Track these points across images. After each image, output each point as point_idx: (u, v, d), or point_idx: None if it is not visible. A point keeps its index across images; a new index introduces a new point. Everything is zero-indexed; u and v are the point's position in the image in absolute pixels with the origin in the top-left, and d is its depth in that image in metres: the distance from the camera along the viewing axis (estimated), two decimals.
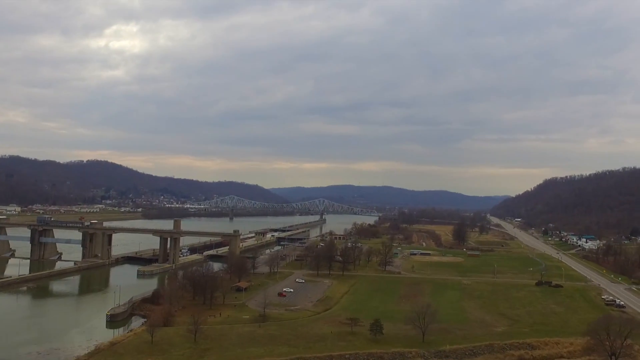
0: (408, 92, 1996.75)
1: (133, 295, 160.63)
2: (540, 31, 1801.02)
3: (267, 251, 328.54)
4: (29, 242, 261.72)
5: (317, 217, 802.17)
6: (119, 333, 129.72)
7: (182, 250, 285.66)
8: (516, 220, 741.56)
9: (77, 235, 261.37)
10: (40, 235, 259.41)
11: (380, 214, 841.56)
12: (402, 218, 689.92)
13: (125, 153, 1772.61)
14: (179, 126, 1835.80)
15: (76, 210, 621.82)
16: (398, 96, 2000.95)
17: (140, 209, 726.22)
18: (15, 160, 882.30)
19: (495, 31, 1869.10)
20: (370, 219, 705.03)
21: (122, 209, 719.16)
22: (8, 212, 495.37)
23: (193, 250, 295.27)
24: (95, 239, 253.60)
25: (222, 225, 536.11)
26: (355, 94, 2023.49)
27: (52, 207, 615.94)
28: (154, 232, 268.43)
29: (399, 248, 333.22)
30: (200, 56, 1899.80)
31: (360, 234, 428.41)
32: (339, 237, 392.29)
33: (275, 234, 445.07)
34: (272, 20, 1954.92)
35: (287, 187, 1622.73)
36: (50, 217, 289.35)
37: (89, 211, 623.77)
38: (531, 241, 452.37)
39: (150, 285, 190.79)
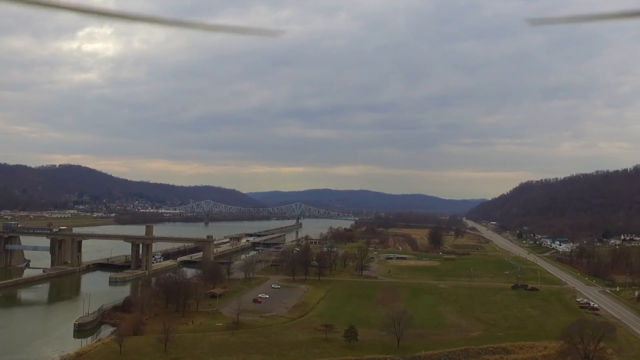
0: (384, 97, 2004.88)
1: (103, 304, 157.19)
2: (515, 37, 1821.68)
3: (243, 256, 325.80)
4: None
5: (293, 222, 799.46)
6: (86, 343, 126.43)
7: (156, 257, 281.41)
8: (491, 224, 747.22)
9: (45, 242, 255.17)
10: (6, 242, 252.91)
11: (357, 218, 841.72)
12: (379, 222, 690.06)
13: (99, 157, 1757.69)
14: (154, 130, 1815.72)
15: (47, 215, 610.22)
16: (375, 101, 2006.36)
17: (113, 214, 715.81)
18: None
19: (470, 37, 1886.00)
20: (346, 223, 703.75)
21: (95, 214, 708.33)
22: None
23: (167, 256, 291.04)
24: (64, 246, 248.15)
25: (197, 231, 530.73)
26: (332, 98, 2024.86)
27: (22, 213, 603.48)
28: (125, 238, 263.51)
29: (375, 252, 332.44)
30: (176, 60, 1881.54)
31: (336, 238, 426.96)
32: (315, 242, 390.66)
33: (251, 238, 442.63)
34: (248, 24, 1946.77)
35: (265, 191, 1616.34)
36: (17, 224, 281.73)
37: (60, 217, 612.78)
38: (506, 244, 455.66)
39: (122, 293, 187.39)
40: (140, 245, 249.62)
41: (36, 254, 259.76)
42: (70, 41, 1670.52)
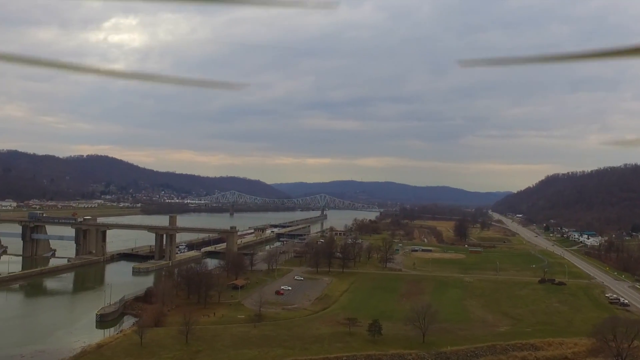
0: (409, 88, 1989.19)
1: (125, 294, 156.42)
2: (542, 28, 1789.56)
3: (267, 247, 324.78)
4: (20, 238, 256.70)
5: (318, 213, 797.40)
6: (109, 333, 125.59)
7: (180, 247, 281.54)
8: (517, 217, 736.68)
9: (70, 231, 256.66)
10: (32, 231, 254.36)
11: (382, 210, 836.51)
12: (404, 214, 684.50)
13: (126, 148, 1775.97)
14: (180, 121, 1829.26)
15: (74, 205, 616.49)
16: (399, 92, 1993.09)
17: (139, 205, 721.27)
18: (14, 155, 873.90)
19: (496, 27, 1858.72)
20: (371, 215, 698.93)
21: (121, 205, 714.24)
22: (3, 208, 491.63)
23: (191, 246, 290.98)
24: (88, 236, 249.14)
25: (222, 221, 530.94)
26: (357, 89, 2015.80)
27: (50, 203, 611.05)
28: (149, 228, 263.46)
29: (400, 244, 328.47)
30: (201, 51, 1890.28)
31: (360, 230, 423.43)
32: (340, 233, 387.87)
33: (275, 229, 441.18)
34: (272, 15, 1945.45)
35: (290, 182, 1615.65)
36: (42, 213, 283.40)
37: (87, 206, 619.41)
38: (533, 237, 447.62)
39: (145, 283, 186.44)
40: (164, 236, 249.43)
41: (62, 243, 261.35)
42: (96, 32, 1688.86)
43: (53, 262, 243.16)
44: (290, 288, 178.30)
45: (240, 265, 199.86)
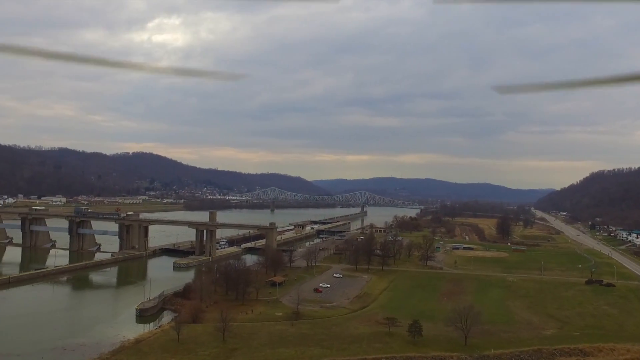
0: (449, 84, 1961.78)
1: (164, 289, 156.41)
2: (585, 20, 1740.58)
3: (307, 244, 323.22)
4: (67, 233, 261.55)
5: (358, 210, 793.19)
6: (148, 328, 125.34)
7: (220, 243, 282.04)
8: (561, 214, 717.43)
9: (114, 226, 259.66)
10: (78, 226, 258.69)
11: (422, 207, 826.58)
12: (444, 211, 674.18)
13: (170, 145, 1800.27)
14: (221, 119, 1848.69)
15: (119, 201, 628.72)
16: (439, 88, 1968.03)
17: (182, 201, 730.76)
18: (64, 152, 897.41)
19: (537, 21, 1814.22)
20: (412, 212, 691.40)
21: (165, 201, 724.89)
22: (54, 203, 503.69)
23: (231, 242, 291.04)
24: (131, 231, 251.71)
25: (263, 217, 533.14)
26: (396, 86, 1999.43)
27: (97, 198, 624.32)
28: (190, 224, 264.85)
29: (441, 242, 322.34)
30: (242, 49, 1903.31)
31: (401, 227, 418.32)
32: (380, 230, 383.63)
33: (315, 226, 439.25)
34: (311, 12, 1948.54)
35: (330, 179, 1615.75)
36: (87, 209, 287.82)
37: (132, 202, 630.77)
38: (578, 236, 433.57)
39: (185, 278, 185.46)
40: (205, 232, 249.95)
41: (107, 238, 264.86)
42: (140, 32, 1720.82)
43: (98, 257, 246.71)
44: (328, 286, 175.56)
45: (279, 262, 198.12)
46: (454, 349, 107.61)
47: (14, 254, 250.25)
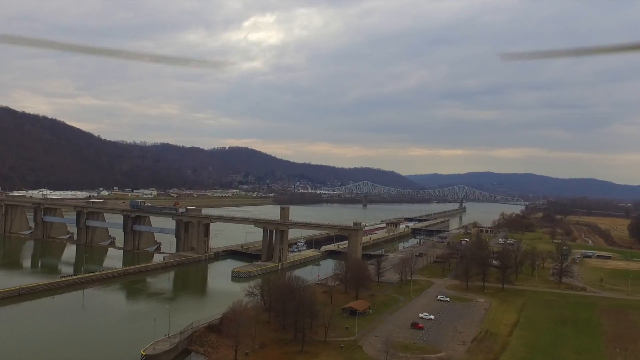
0: (548, 74, 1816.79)
1: (193, 321, 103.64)
2: None
3: (401, 246, 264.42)
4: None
5: (455, 205, 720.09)
6: None
7: (298, 244, 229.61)
8: None
9: (173, 223, 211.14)
10: (133, 222, 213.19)
11: (527, 203, 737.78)
12: (553, 208, 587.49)
13: (266, 141, 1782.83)
14: (315, 114, 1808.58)
15: (209, 194, 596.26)
16: (537, 78, 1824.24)
17: (272, 194, 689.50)
18: (165, 147, 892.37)
19: None
20: (515, 208, 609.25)
21: (255, 194, 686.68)
22: (144, 196, 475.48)
23: (310, 243, 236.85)
24: (190, 229, 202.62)
25: (354, 212, 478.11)
26: (492, 77, 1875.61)
27: (187, 191, 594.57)
28: (256, 222, 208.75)
29: (565, 247, 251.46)
30: (334, 44, 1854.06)
31: (509, 226, 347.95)
32: (486, 230, 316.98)
33: (410, 224, 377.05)
34: (404, 3, 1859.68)
35: (423, 173, 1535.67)
36: (144, 202, 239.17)
37: (222, 195, 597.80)
38: None
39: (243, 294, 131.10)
40: (274, 232, 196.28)
41: (166, 237, 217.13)
42: (237, 32, 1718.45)
43: (156, 258, 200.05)
44: (432, 317, 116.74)
45: (363, 277, 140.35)
46: None
47: (68, 253, 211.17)
